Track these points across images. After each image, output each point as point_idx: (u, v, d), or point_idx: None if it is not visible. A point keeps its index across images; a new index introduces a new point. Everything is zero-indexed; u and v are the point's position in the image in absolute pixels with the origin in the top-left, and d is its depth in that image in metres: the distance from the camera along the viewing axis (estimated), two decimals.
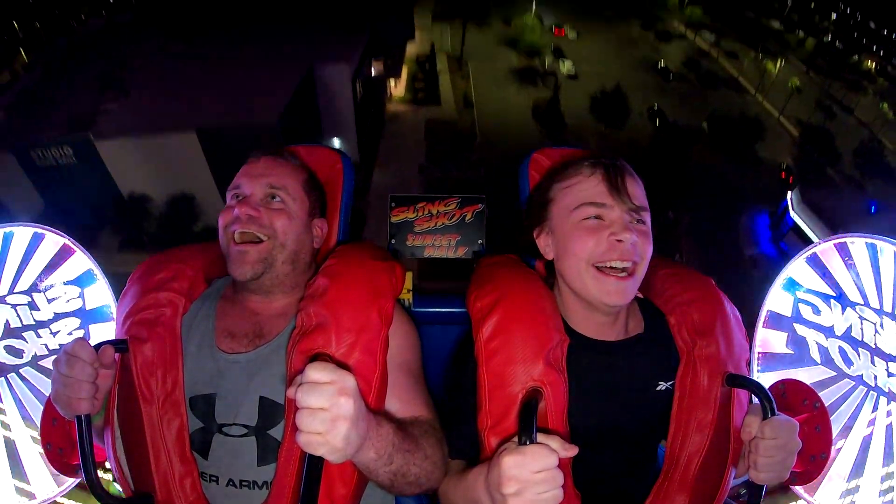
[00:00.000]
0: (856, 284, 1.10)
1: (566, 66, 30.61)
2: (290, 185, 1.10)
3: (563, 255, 1.00)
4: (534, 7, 35.46)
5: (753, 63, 34.07)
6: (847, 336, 1.11)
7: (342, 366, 0.75)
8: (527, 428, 0.77)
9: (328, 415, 0.71)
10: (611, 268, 0.94)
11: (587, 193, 0.97)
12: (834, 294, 1.13)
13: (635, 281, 0.96)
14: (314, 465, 0.75)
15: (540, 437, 0.77)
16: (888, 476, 1.04)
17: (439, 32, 32.71)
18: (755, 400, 0.93)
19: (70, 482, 1.24)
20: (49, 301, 1.27)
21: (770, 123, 27.88)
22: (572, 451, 0.78)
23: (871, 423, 1.07)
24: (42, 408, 1.20)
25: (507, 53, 32.13)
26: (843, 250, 1.13)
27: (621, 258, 0.94)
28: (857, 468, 1.08)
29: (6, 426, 1.24)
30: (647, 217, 0.98)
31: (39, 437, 1.20)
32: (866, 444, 1.07)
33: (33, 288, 1.26)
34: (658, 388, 0.99)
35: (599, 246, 0.95)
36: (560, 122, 25.10)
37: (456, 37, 32.66)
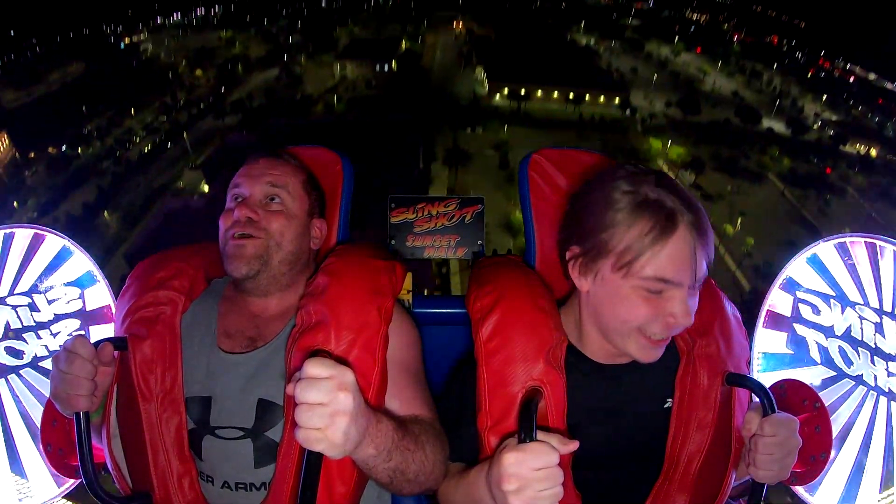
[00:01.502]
0: (856, 284, 1.10)
1: None
2: (290, 185, 1.10)
3: (606, 308, 0.91)
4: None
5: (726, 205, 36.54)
6: (847, 336, 1.11)
7: (341, 361, 0.75)
8: (527, 427, 0.77)
9: (327, 410, 0.70)
10: (657, 338, 0.89)
11: (662, 266, 0.84)
12: (834, 294, 1.13)
13: (668, 340, 0.92)
14: (313, 462, 0.75)
15: (540, 435, 0.77)
16: (888, 476, 1.04)
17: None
18: (755, 399, 0.93)
19: (70, 483, 1.24)
20: (49, 302, 1.27)
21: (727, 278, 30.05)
22: (572, 446, 0.78)
23: (871, 423, 1.07)
24: (42, 409, 1.20)
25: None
26: (843, 250, 1.13)
27: (670, 335, 0.90)
28: (857, 468, 1.07)
29: (6, 427, 1.24)
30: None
31: (39, 438, 1.20)
32: (866, 444, 1.07)
33: (33, 289, 1.27)
34: (666, 406, 0.97)
35: (653, 323, 0.87)
36: None
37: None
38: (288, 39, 66.99)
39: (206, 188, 31.98)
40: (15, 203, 35.24)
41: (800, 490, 1.12)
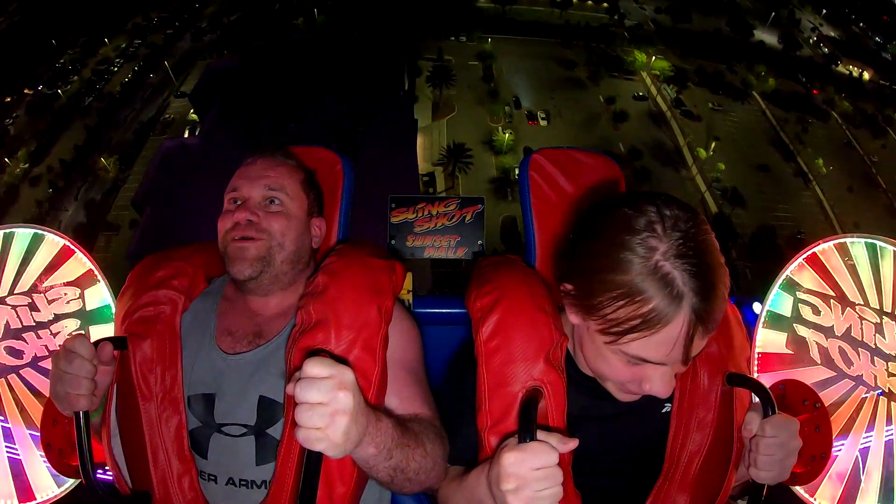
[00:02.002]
0: (856, 284, 1.10)
1: None
2: (288, 185, 1.10)
3: (589, 354, 0.88)
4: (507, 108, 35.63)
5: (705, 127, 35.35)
6: (847, 336, 1.10)
7: (341, 361, 0.75)
8: (527, 426, 0.77)
9: (327, 409, 0.70)
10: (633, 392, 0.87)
11: (647, 349, 0.77)
12: (834, 294, 1.13)
13: None
14: (313, 461, 0.75)
15: (540, 435, 0.77)
16: (889, 476, 1.04)
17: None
18: (755, 399, 0.93)
19: (70, 483, 1.24)
20: (49, 302, 1.27)
21: (695, 199, 29.34)
22: (572, 444, 0.78)
23: (871, 423, 1.07)
24: (42, 409, 1.20)
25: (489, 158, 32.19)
26: (843, 250, 1.12)
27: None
28: (858, 469, 1.07)
29: (6, 427, 1.24)
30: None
31: (39, 438, 1.20)
32: (866, 444, 1.07)
33: (33, 289, 1.26)
34: (664, 410, 0.98)
35: (632, 385, 0.84)
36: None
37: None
38: None
39: (195, 117, 30.96)
40: (6, 159, 32.62)
41: (800, 490, 1.12)
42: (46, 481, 1.23)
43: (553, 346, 0.93)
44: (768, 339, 1.22)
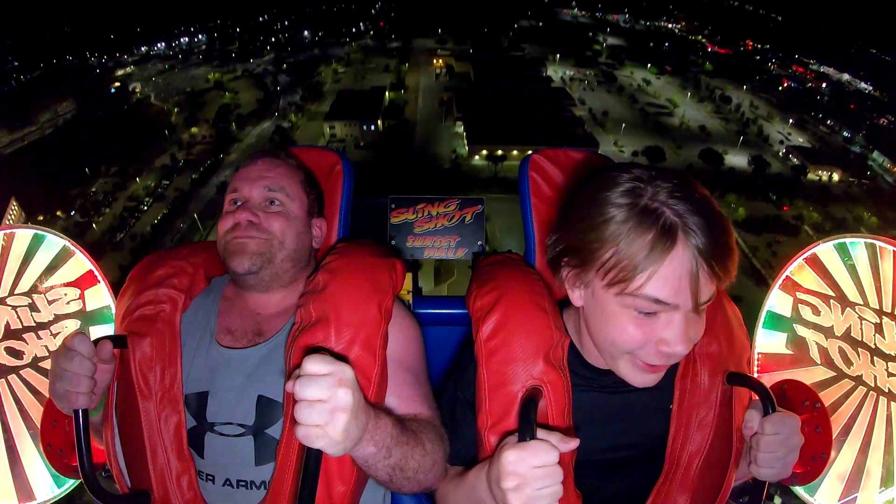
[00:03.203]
0: (855, 284, 1.10)
1: None
2: (288, 186, 1.10)
3: (597, 326, 0.86)
4: None
5: None
6: (847, 336, 1.10)
7: (341, 358, 0.75)
8: (527, 426, 0.77)
9: (327, 406, 0.70)
10: (651, 363, 0.83)
11: (654, 287, 0.76)
12: (834, 294, 1.13)
13: (668, 366, 0.86)
14: (313, 459, 0.75)
15: (540, 434, 0.77)
16: (888, 477, 1.04)
17: None
18: (755, 398, 0.93)
19: (70, 482, 1.24)
20: (49, 303, 1.27)
21: None
22: (573, 443, 0.78)
23: (871, 423, 1.07)
24: (42, 409, 1.20)
25: None
26: (843, 250, 1.12)
27: (665, 363, 0.83)
28: (858, 469, 1.07)
29: (6, 427, 1.24)
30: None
31: (39, 438, 1.20)
32: (866, 444, 1.07)
33: (33, 289, 1.26)
34: (671, 407, 0.97)
35: (644, 349, 0.81)
36: None
37: None
38: (275, 81, 67.36)
39: None
40: None
41: (800, 490, 1.12)
42: (46, 481, 1.23)
43: (553, 346, 0.93)
44: (768, 340, 1.22)
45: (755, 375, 1.20)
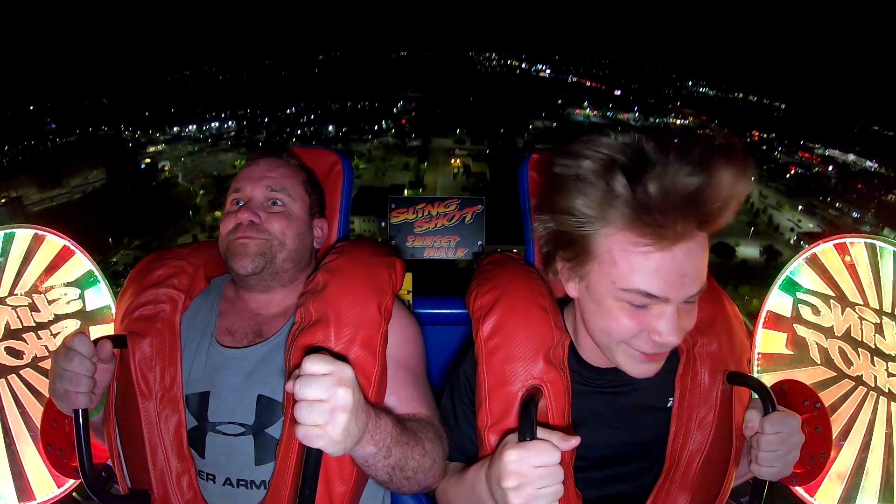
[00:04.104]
0: (855, 284, 1.10)
1: None
2: (290, 186, 1.11)
3: (593, 318, 0.87)
4: None
5: None
6: (847, 336, 1.10)
7: (340, 358, 0.75)
8: (527, 426, 0.77)
9: (327, 406, 0.70)
10: (647, 352, 0.84)
11: (645, 280, 0.77)
12: (834, 294, 1.13)
13: (666, 355, 0.87)
14: (312, 459, 0.75)
15: (541, 433, 0.77)
16: (889, 477, 1.04)
17: None
18: (755, 397, 0.93)
19: (70, 482, 1.24)
20: (49, 302, 1.27)
21: None
22: (574, 441, 0.78)
23: (871, 423, 1.07)
24: (42, 409, 1.20)
25: None
26: (843, 250, 1.13)
27: (658, 351, 0.84)
28: (858, 469, 1.07)
29: (6, 427, 1.24)
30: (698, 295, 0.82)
31: (39, 438, 1.20)
32: (866, 444, 1.07)
33: (33, 289, 1.26)
34: (668, 406, 0.97)
35: (637, 339, 0.83)
36: None
37: None
38: None
39: None
40: None
41: (800, 490, 1.12)
42: (46, 481, 1.23)
43: (553, 345, 0.93)
44: (768, 340, 1.22)
45: (755, 375, 1.20)
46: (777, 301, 1.22)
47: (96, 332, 1.28)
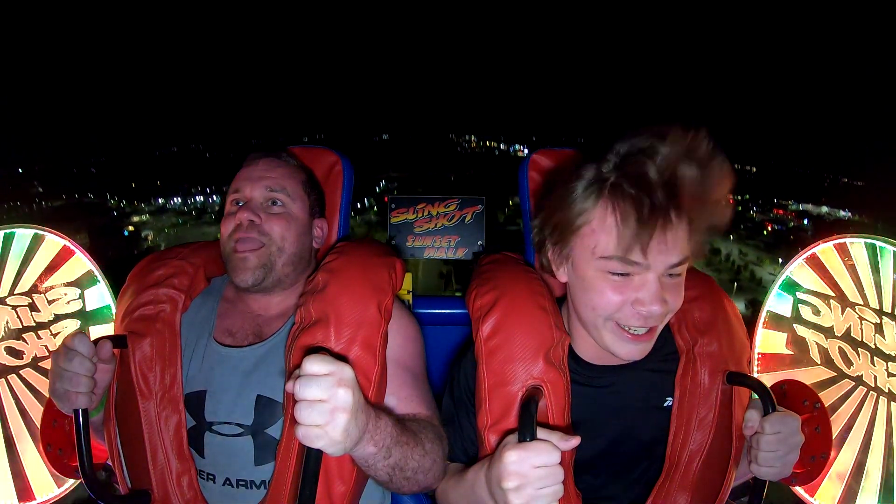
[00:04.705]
0: (855, 284, 1.10)
1: None
2: (290, 187, 1.10)
3: (579, 296, 0.90)
4: None
5: None
6: (847, 336, 1.11)
7: (340, 358, 0.74)
8: (527, 426, 0.77)
9: (327, 406, 0.70)
10: (630, 328, 0.86)
11: (618, 245, 0.81)
12: (834, 294, 1.13)
13: (655, 336, 0.89)
14: (313, 459, 0.75)
15: (541, 433, 0.77)
16: (888, 477, 1.04)
17: None
18: (755, 397, 0.93)
19: (70, 483, 1.24)
20: (49, 302, 1.27)
21: None
22: (574, 441, 0.78)
23: (871, 423, 1.07)
24: (42, 409, 1.20)
25: None
26: (843, 250, 1.13)
27: (644, 325, 0.85)
28: (858, 469, 1.07)
29: (6, 427, 1.24)
30: (683, 267, 0.85)
31: (39, 438, 1.20)
32: (866, 444, 1.07)
33: (34, 289, 1.26)
34: (666, 405, 0.97)
35: (622, 310, 0.85)
36: None
37: None
38: None
39: None
40: None
41: (800, 490, 1.12)
42: (46, 481, 1.23)
43: (553, 345, 0.93)
44: (768, 340, 1.22)
45: (755, 375, 1.20)
46: (777, 301, 1.22)
47: (96, 332, 1.28)
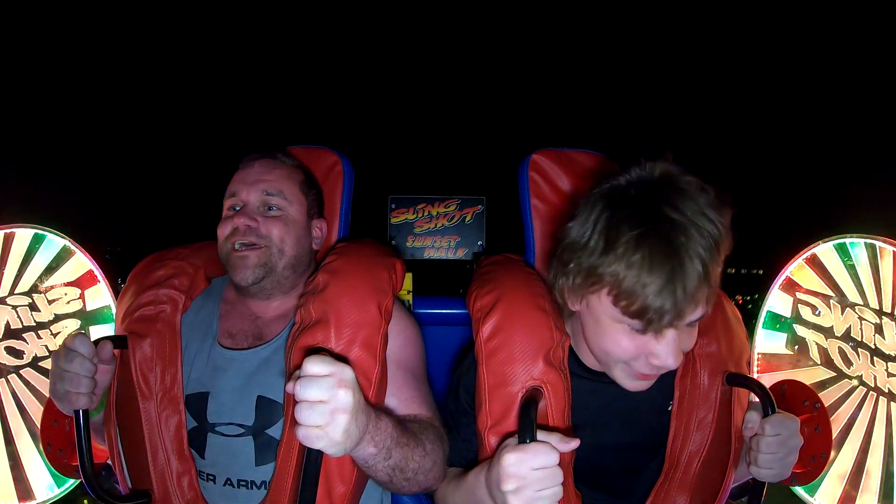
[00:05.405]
0: (855, 284, 1.10)
1: None
2: (287, 189, 1.09)
3: (591, 335, 0.87)
4: None
5: None
6: (847, 336, 1.11)
7: (341, 359, 0.74)
8: (527, 427, 0.77)
9: (327, 407, 0.70)
10: (644, 372, 0.84)
11: (644, 315, 0.77)
12: (834, 294, 1.13)
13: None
14: (313, 460, 0.75)
15: (540, 435, 0.77)
16: (888, 476, 1.04)
17: None
18: (754, 399, 0.93)
19: (70, 482, 1.24)
20: (49, 302, 1.27)
21: None
22: (573, 443, 0.78)
23: (871, 423, 1.07)
24: (42, 409, 1.20)
25: None
26: (843, 250, 1.13)
27: (657, 374, 0.85)
28: (858, 469, 1.07)
29: (6, 427, 1.24)
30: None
31: (39, 438, 1.20)
32: (866, 444, 1.07)
33: (34, 289, 1.27)
34: (669, 409, 0.97)
35: (636, 361, 0.83)
36: None
37: None
38: None
39: None
40: None
41: (800, 490, 1.12)
42: (46, 481, 1.24)
43: (553, 346, 0.93)
44: (768, 340, 1.22)
45: (755, 376, 1.20)
46: (776, 302, 1.22)
47: (96, 332, 1.28)
